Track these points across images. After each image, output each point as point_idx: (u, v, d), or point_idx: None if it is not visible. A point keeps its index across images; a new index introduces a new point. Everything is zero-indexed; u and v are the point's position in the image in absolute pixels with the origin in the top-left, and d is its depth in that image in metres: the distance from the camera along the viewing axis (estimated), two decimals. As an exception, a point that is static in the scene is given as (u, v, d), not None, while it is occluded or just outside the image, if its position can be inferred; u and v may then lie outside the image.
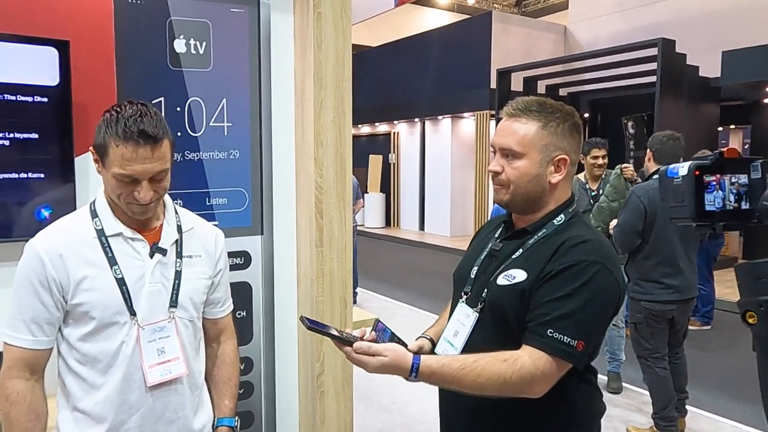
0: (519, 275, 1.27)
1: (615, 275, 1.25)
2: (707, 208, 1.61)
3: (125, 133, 1.25)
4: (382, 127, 14.79)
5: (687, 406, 3.57)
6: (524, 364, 1.17)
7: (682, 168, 1.64)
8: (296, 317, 2.26)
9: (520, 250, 1.33)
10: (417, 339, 1.52)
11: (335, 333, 1.24)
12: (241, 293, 2.11)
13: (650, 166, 3.40)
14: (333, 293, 2.15)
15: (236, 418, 1.58)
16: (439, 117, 12.89)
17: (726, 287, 7.36)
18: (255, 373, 2.19)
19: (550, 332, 1.18)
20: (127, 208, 1.34)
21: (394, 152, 14.40)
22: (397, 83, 13.69)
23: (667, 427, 3.31)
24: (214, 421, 1.54)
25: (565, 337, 1.17)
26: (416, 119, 13.50)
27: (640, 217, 3.21)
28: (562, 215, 1.35)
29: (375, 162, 14.48)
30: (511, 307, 1.26)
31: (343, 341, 1.23)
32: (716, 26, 9.45)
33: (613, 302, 1.26)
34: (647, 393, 3.48)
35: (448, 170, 12.76)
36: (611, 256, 1.27)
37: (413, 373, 1.18)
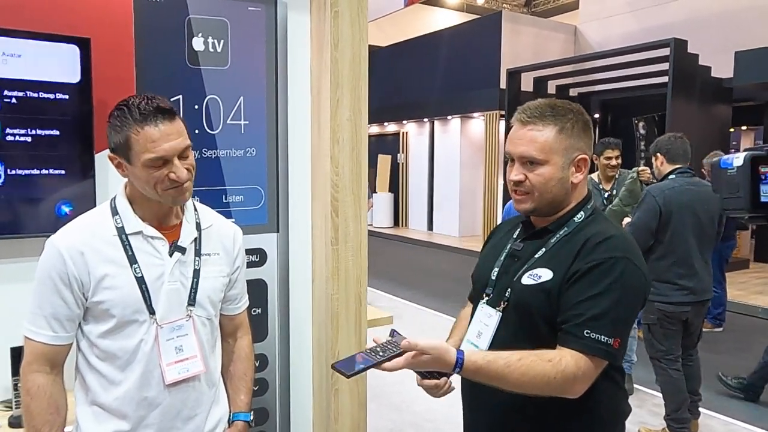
0: (545, 274, 1.28)
1: (642, 269, 1.26)
2: (762, 199, 1.58)
3: (143, 115, 1.27)
4: (390, 127, 14.80)
5: (699, 409, 3.56)
6: (568, 364, 1.17)
7: (737, 158, 1.61)
8: (311, 314, 2.27)
9: (543, 249, 1.33)
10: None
11: (373, 362, 1.16)
12: (257, 290, 2.11)
13: (663, 168, 3.39)
14: (348, 291, 2.15)
15: (251, 412, 1.59)
16: (449, 117, 12.88)
17: (737, 289, 7.31)
18: (270, 370, 2.20)
19: (587, 332, 1.18)
20: (165, 197, 1.33)
21: (402, 152, 14.40)
22: (406, 83, 13.69)
23: (680, 429, 3.29)
24: (229, 416, 1.55)
25: (602, 336, 1.18)
26: (425, 119, 13.49)
27: (654, 217, 3.19)
28: (581, 212, 1.35)
29: (384, 162, 14.49)
30: (538, 306, 1.26)
31: (381, 362, 1.16)
32: (729, 26, 9.39)
33: (642, 296, 1.27)
34: (660, 395, 3.47)
35: (457, 170, 12.75)
36: (636, 251, 1.28)
37: (457, 368, 1.16)
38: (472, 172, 12.55)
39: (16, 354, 1.62)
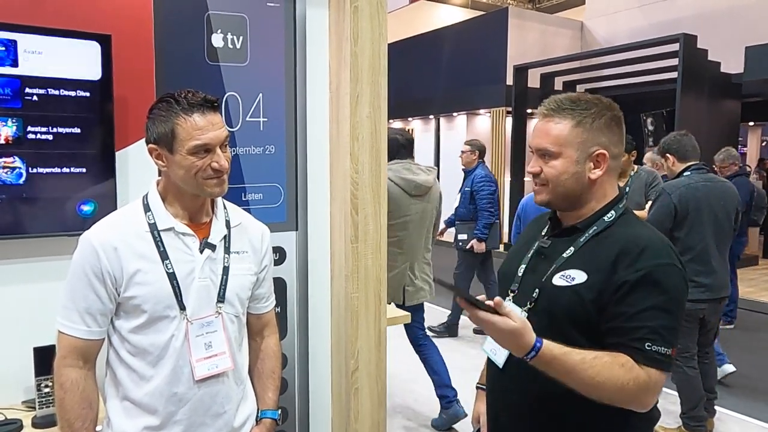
0: (578, 276, 1.25)
1: (684, 272, 1.25)
2: None
3: (190, 104, 1.31)
4: (396, 124, 14.76)
5: (715, 407, 3.53)
6: (640, 374, 1.15)
7: None
8: (330, 314, 2.25)
9: (572, 248, 1.31)
10: (477, 391, 1.59)
11: (474, 300, 1.13)
12: (276, 289, 2.07)
13: (676, 168, 3.37)
14: (368, 289, 2.13)
15: (279, 410, 1.60)
16: (454, 114, 12.83)
17: (747, 286, 7.26)
18: (289, 369, 2.19)
19: (648, 345, 1.16)
20: (204, 186, 1.35)
21: (408, 149, 14.35)
22: (411, 80, 13.62)
23: (696, 427, 3.27)
24: (257, 413, 1.55)
25: (663, 348, 1.17)
26: (431, 116, 13.44)
27: (668, 215, 3.17)
28: (612, 212, 1.33)
29: (389, 159, 14.46)
30: (569, 308, 1.24)
31: (477, 305, 1.12)
32: (738, 21, 9.32)
33: (686, 299, 1.26)
34: (675, 393, 3.44)
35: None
36: (676, 253, 1.26)
37: (532, 352, 1.12)
38: (478, 169, 12.49)
39: (40, 354, 1.61)
